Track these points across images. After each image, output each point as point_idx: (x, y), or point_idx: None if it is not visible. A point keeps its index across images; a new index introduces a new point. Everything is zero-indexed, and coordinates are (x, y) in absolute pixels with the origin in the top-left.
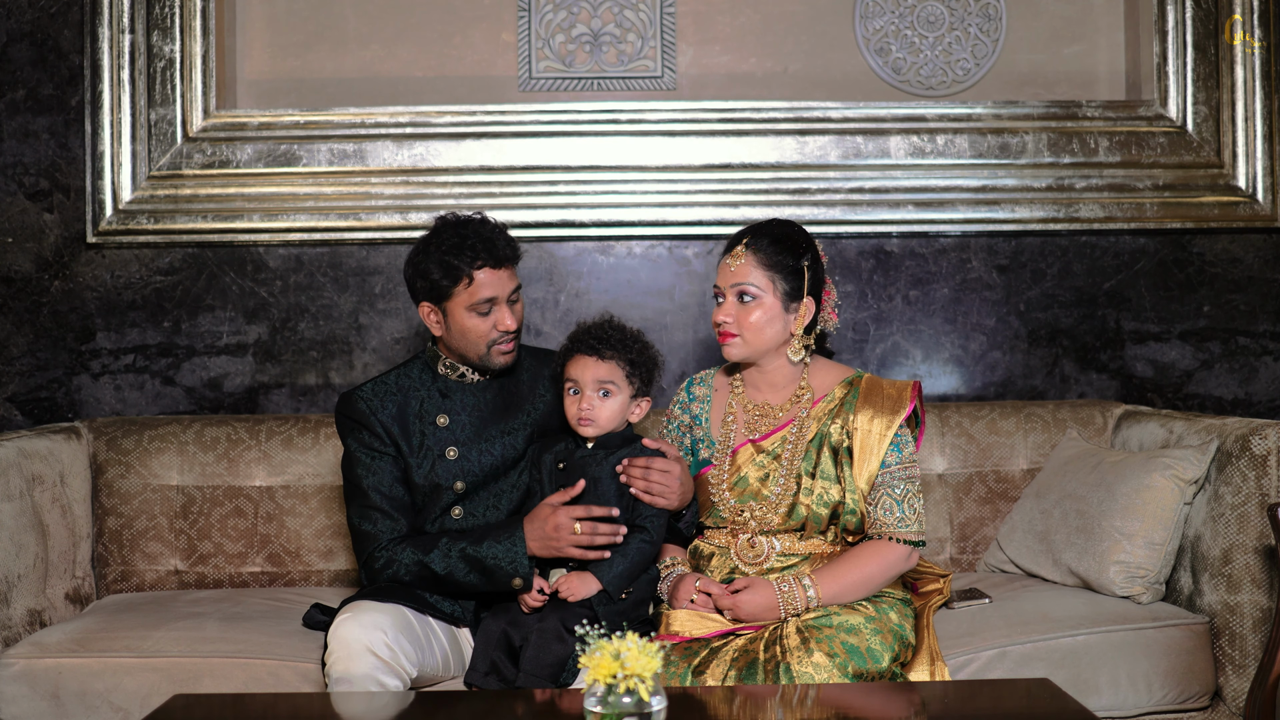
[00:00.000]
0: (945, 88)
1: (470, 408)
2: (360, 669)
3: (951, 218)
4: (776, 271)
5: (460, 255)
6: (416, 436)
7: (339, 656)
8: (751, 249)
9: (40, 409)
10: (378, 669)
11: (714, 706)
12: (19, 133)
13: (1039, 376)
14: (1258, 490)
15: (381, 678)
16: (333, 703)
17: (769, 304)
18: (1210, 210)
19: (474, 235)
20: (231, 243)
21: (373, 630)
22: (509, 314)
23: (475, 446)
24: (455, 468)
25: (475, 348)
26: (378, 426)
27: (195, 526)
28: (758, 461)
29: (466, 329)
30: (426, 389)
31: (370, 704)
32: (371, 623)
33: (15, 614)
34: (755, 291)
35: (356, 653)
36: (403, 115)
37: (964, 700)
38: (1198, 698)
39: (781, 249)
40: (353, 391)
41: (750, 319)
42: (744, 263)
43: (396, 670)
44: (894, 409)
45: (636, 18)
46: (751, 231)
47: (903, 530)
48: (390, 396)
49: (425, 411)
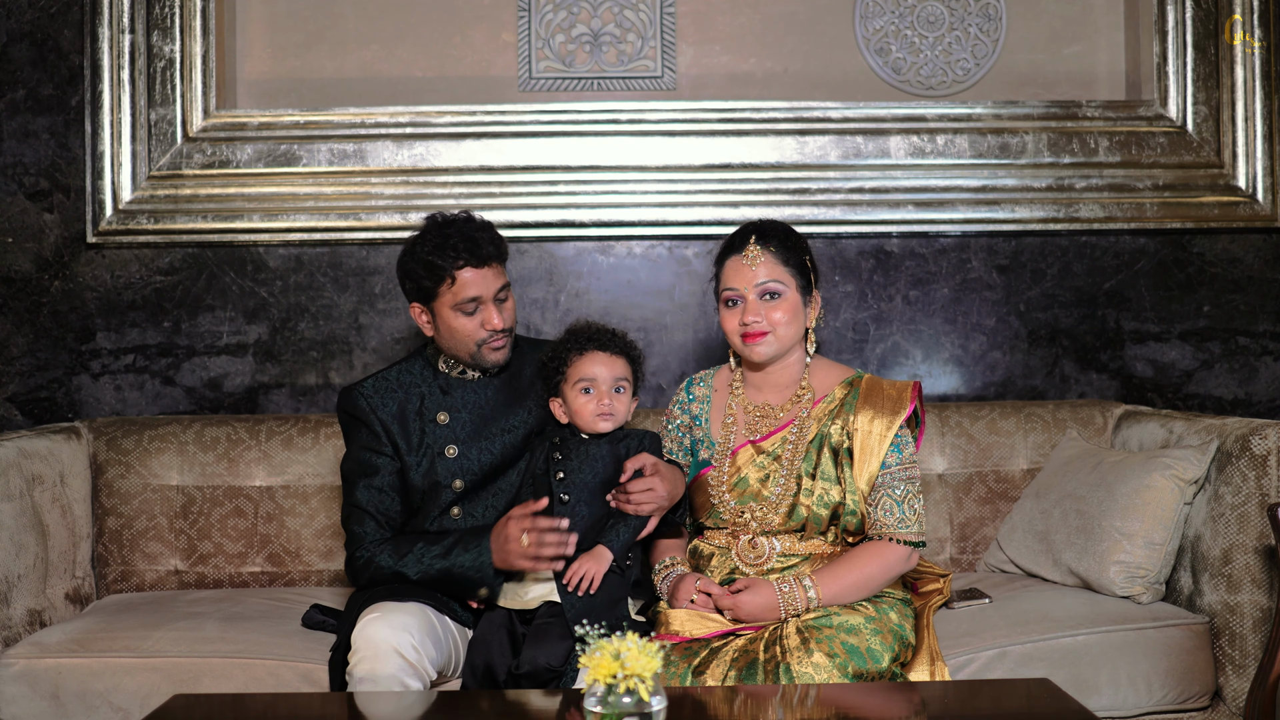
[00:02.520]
0: (945, 88)
1: (471, 405)
2: (386, 669)
3: (951, 218)
4: (792, 267)
5: (443, 255)
6: (416, 434)
7: (364, 656)
8: (765, 247)
9: (40, 409)
10: (403, 670)
11: (714, 706)
12: (19, 133)
13: (1039, 376)
14: (1258, 490)
15: (405, 679)
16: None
17: (792, 299)
18: (1210, 210)
19: (457, 234)
20: (231, 243)
21: (400, 632)
22: (496, 313)
23: (475, 444)
24: (455, 466)
25: (465, 347)
26: (377, 425)
27: (195, 526)
28: (758, 462)
29: (454, 329)
30: (428, 385)
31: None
32: (400, 624)
33: (15, 614)
34: (779, 288)
35: (383, 653)
36: (403, 115)
37: (964, 700)
38: (1198, 698)
39: (789, 245)
40: (354, 387)
41: (776, 316)
42: (764, 261)
43: (420, 672)
44: (894, 409)
45: (636, 18)
46: (756, 230)
47: (903, 531)
48: (391, 393)
49: (426, 409)
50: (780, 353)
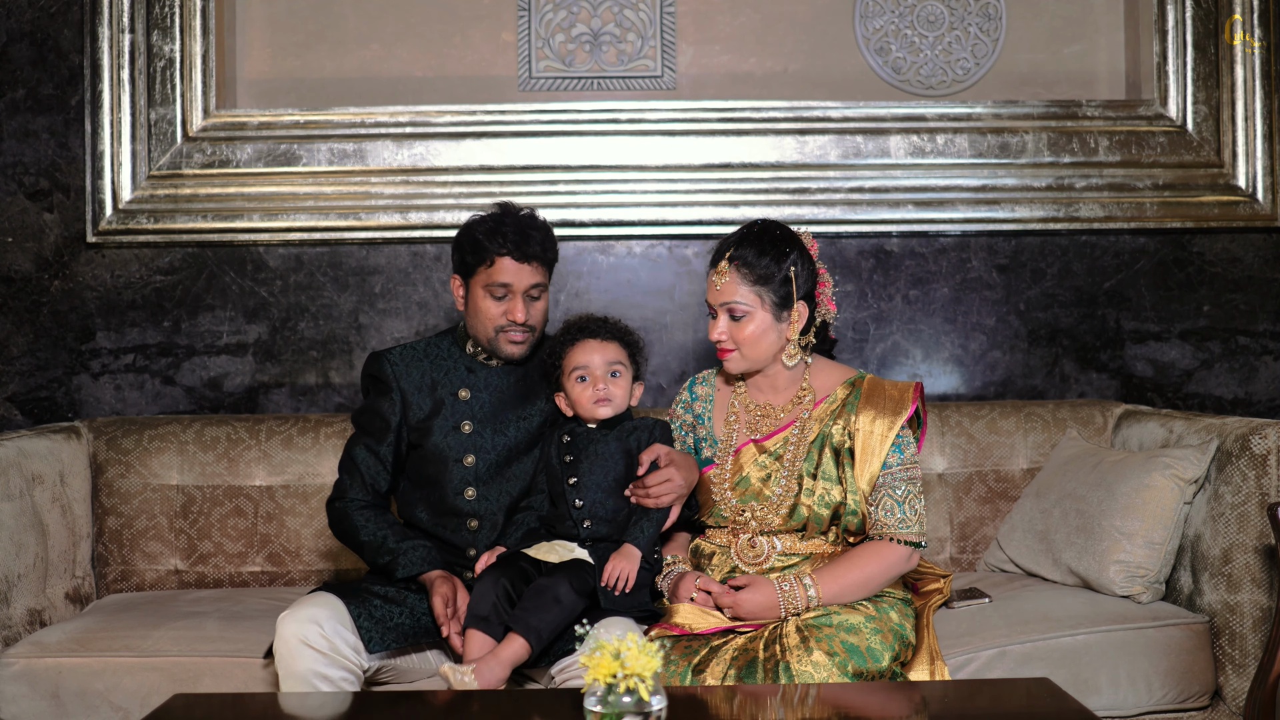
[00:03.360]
0: (945, 87)
1: (493, 388)
2: (300, 665)
3: (951, 217)
4: (763, 285)
5: (491, 239)
6: (435, 403)
7: (280, 655)
8: (735, 265)
9: (40, 409)
10: (318, 662)
11: (714, 706)
12: (19, 132)
13: (1039, 376)
14: (1258, 490)
15: (324, 670)
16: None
17: (760, 317)
18: (1210, 210)
19: (512, 224)
20: (231, 242)
21: (307, 624)
22: (521, 306)
23: (490, 425)
24: (468, 441)
25: (485, 330)
26: (396, 394)
27: (195, 526)
28: (760, 462)
29: (480, 309)
30: (454, 361)
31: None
32: (306, 616)
33: (15, 614)
34: (745, 309)
35: (293, 649)
36: (403, 115)
37: (964, 700)
38: (1198, 697)
39: (765, 260)
40: (382, 353)
41: (744, 334)
42: (729, 280)
43: (340, 662)
44: (896, 410)
45: (636, 17)
46: (736, 242)
47: (903, 531)
48: (417, 362)
49: (450, 381)
50: (751, 367)
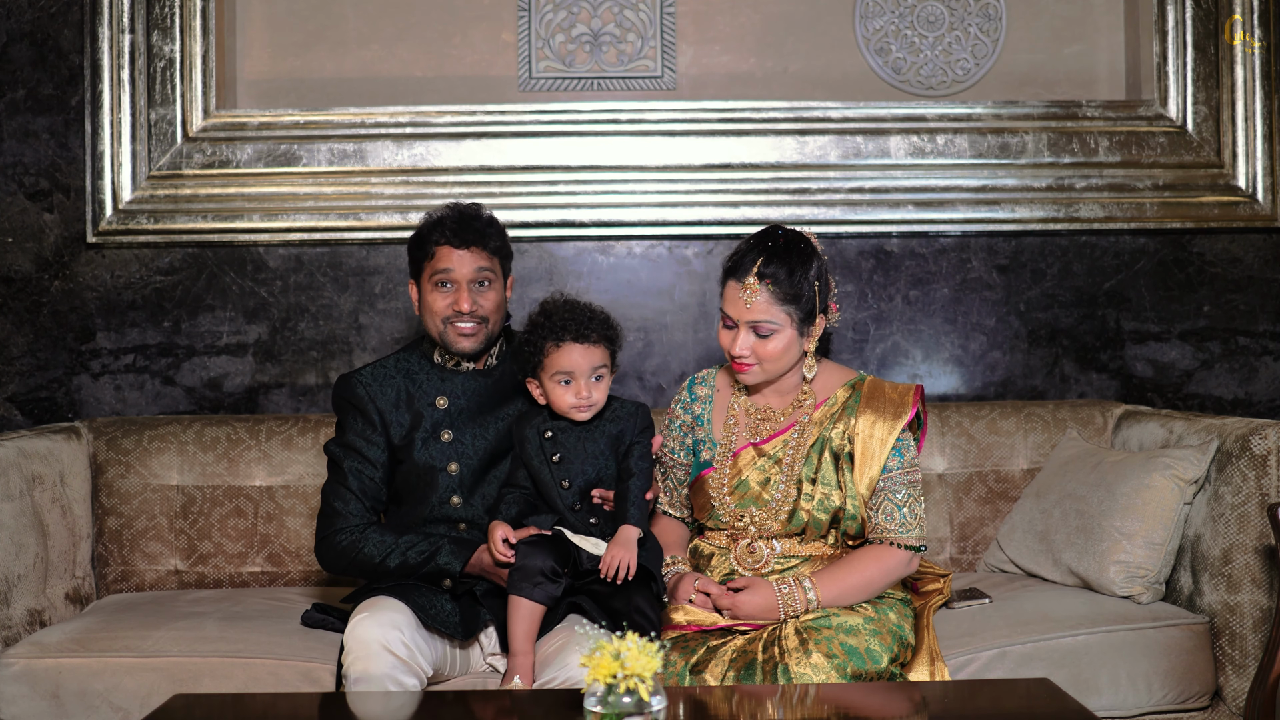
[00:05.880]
0: (945, 88)
1: (470, 393)
2: (379, 668)
3: (951, 218)
4: (792, 304)
5: (432, 230)
6: (413, 416)
7: (357, 656)
8: (766, 283)
9: (40, 409)
10: (396, 668)
11: (714, 706)
12: (19, 133)
13: (1039, 376)
14: (1258, 490)
15: (400, 677)
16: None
17: (787, 334)
18: (1210, 210)
19: (452, 214)
20: (231, 243)
21: (390, 629)
22: (467, 295)
23: (470, 430)
24: (450, 450)
25: (434, 324)
26: (373, 413)
27: (195, 526)
28: (759, 465)
29: (428, 303)
30: (425, 373)
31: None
32: (389, 621)
33: (15, 614)
34: (772, 328)
35: (375, 652)
36: (403, 115)
37: (964, 700)
38: (1198, 698)
39: (795, 278)
40: (352, 374)
41: (768, 349)
42: (761, 300)
43: (414, 669)
44: (896, 414)
45: (636, 18)
46: (763, 254)
47: (904, 535)
48: (390, 380)
49: (425, 392)
50: (769, 379)
